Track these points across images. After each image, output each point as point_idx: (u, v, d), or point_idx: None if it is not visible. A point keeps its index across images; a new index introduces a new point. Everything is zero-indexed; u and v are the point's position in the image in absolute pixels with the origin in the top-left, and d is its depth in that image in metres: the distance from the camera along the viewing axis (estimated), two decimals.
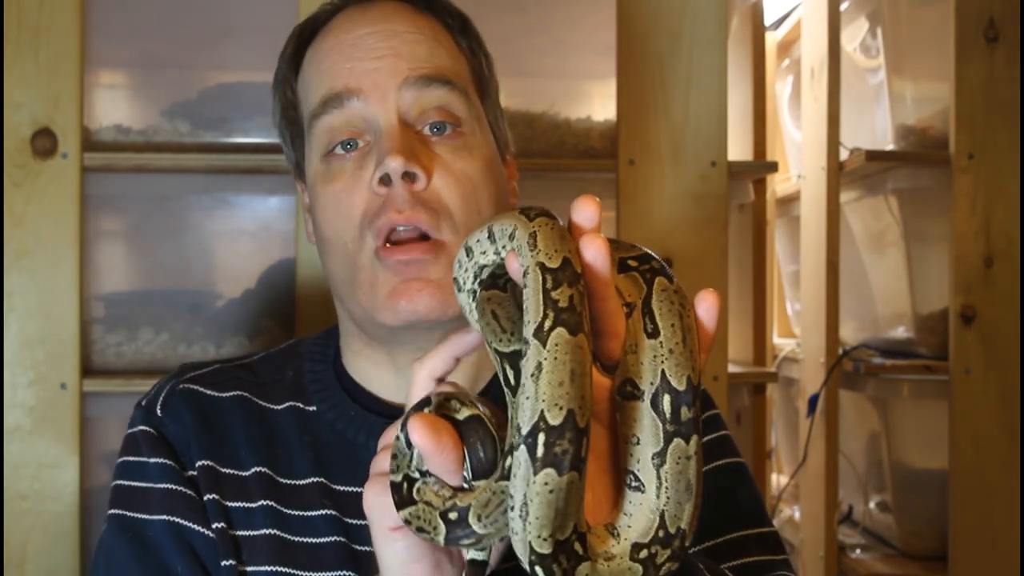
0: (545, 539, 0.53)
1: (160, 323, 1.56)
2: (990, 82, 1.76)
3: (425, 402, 0.62)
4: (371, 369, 0.93)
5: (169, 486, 0.86)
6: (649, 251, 0.62)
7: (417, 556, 0.64)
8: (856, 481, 2.08)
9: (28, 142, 1.47)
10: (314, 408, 0.92)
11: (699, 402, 0.57)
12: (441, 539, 0.58)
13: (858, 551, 1.95)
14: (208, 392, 0.92)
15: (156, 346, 1.55)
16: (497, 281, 0.62)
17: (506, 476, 0.54)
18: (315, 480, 0.88)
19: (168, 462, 0.87)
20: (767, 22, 2.12)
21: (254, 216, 1.60)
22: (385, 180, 0.83)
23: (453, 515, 0.58)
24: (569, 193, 1.70)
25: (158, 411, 0.90)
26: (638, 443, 0.58)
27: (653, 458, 0.57)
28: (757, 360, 2.04)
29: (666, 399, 0.56)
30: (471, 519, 0.57)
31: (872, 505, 2.03)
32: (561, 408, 0.52)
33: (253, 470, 0.87)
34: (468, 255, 0.63)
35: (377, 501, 0.64)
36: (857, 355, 1.93)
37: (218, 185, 1.58)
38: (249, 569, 0.84)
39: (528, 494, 0.52)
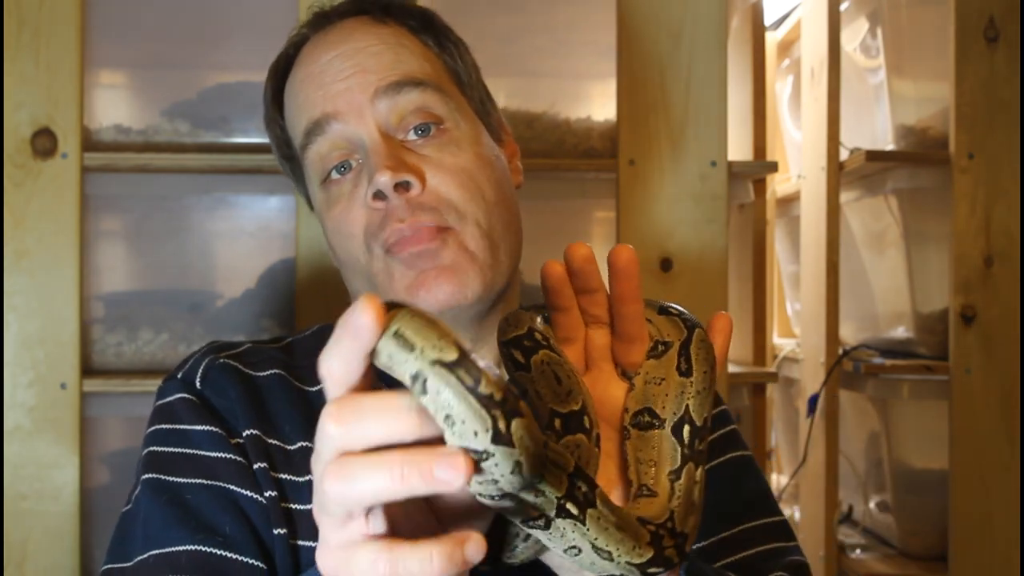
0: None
1: (160, 323, 1.56)
2: (990, 82, 1.75)
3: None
4: None
5: (219, 454, 0.84)
6: (684, 309, 0.67)
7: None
8: (856, 481, 2.07)
9: (28, 142, 1.47)
10: None
11: (708, 437, 0.65)
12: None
13: (858, 551, 1.95)
14: (246, 370, 0.90)
15: (156, 346, 1.55)
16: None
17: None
18: None
19: (216, 429, 0.85)
20: (767, 22, 2.12)
21: (254, 216, 1.60)
22: (379, 195, 0.83)
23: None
24: (569, 193, 1.70)
25: (198, 383, 0.89)
26: (654, 465, 0.63)
27: (670, 474, 0.63)
28: (757, 360, 2.04)
29: (686, 429, 0.63)
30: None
31: (872, 505, 2.02)
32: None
33: (299, 444, 0.86)
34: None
35: (343, 489, 0.50)
36: (857, 355, 1.93)
37: (218, 185, 1.58)
38: (300, 543, 0.83)
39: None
